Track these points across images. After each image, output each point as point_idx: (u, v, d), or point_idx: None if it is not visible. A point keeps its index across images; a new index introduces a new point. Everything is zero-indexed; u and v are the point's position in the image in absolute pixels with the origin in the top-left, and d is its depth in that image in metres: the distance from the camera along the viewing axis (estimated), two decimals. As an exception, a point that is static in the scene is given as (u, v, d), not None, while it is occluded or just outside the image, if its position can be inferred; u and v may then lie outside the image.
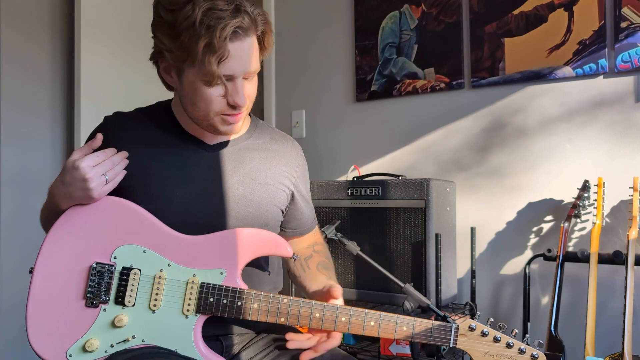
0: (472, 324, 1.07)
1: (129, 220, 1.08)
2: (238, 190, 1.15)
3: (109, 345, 1.02)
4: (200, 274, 1.05)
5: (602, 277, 1.84)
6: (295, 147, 1.29)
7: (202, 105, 1.06)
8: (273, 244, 1.10)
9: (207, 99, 1.05)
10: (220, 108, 1.06)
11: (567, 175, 1.99)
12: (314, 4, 2.67)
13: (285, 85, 2.75)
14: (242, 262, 1.07)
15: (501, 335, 1.06)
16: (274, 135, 1.27)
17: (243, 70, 1.03)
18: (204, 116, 1.08)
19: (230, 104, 1.05)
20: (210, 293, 1.04)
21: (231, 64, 1.01)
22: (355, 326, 1.05)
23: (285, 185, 1.22)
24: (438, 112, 2.28)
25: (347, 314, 1.05)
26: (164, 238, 1.07)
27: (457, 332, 1.06)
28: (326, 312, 1.05)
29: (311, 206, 1.34)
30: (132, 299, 1.04)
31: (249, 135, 1.22)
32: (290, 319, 1.04)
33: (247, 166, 1.17)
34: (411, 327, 1.06)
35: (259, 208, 1.16)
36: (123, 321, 1.02)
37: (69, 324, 1.03)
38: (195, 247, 1.07)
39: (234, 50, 1.00)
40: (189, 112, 1.11)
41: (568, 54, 1.98)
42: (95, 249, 1.06)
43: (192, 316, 1.04)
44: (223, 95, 1.05)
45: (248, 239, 1.08)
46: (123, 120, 1.18)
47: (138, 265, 1.06)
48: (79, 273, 1.05)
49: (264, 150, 1.22)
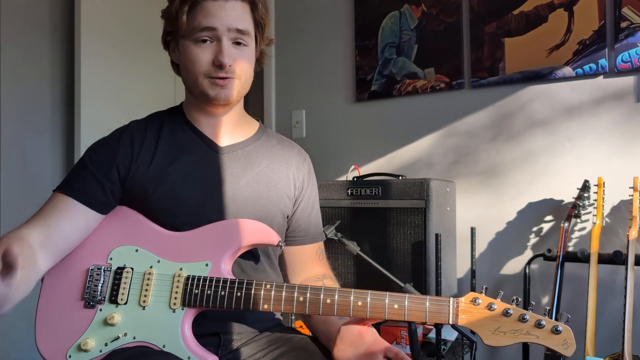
0: (477, 297, 0.93)
1: (124, 223, 1.12)
2: (246, 192, 1.16)
3: (103, 344, 1.03)
4: (186, 267, 1.06)
5: (602, 277, 1.84)
6: (300, 154, 1.30)
7: (191, 68, 1.10)
8: (258, 231, 1.08)
9: (194, 60, 1.09)
10: (207, 69, 1.09)
11: (567, 175, 1.99)
12: (314, 4, 2.67)
13: (285, 85, 2.75)
14: (228, 253, 1.06)
15: (513, 308, 0.91)
16: (280, 140, 1.29)
17: (223, 24, 1.08)
18: (194, 80, 1.11)
19: (215, 63, 1.09)
20: (195, 285, 1.04)
21: (210, 19, 1.07)
22: (342, 308, 0.98)
23: (290, 191, 1.23)
24: (438, 112, 2.28)
25: (333, 295, 0.99)
26: (155, 236, 1.09)
27: (457, 306, 0.94)
28: (310, 294, 1.00)
29: (317, 217, 1.32)
30: (125, 296, 1.05)
31: (257, 137, 1.24)
32: (274, 305, 1.01)
33: (255, 169, 1.19)
34: (403, 304, 0.97)
35: (265, 210, 1.17)
36: (115, 319, 1.03)
37: (69, 325, 1.05)
38: (184, 242, 1.08)
39: (214, 8, 1.07)
40: (185, 80, 1.15)
41: (568, 54, 1.98)
42: (93, 252, 1.09)
43: (179, 310, 1.03)
44: (210, 56, 1.09)
45: (233, 229, 1.08)
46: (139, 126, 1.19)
47: (130, 264, 1.08)
48: (79, 276, 1.08)
49: (271, 154, 1.23)
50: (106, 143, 1.16)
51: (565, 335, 0.89)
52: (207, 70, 1.10)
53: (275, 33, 2.76)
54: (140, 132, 1.17)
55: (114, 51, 2.49)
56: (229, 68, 1.09)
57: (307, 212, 1.28)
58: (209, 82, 1.10)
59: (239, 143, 1.20)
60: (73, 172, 1.14)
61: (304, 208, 1.27)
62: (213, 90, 1.11)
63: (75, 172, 1.13)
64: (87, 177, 1.11)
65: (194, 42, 1.09)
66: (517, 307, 0.92)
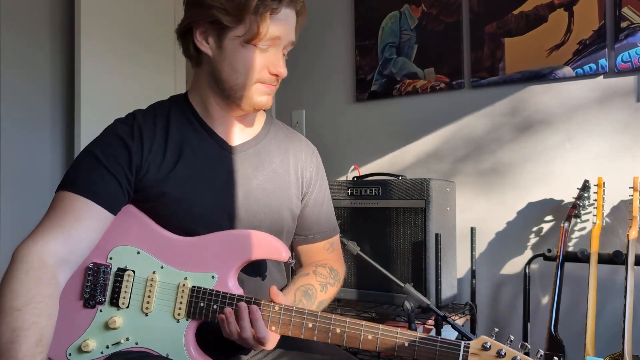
0: (487, 342, 0.92)
1: (125, 221, 1.07)
2: (258, 194, 1.12)
3: (104, 347, 1.02)
4: (191, 277, 1.03)
5: (602, 277, 1.84)
6: (309, 147, 1.27)
7: (243, 69, 1.04)
8: (268, 246, 1.04)
9: (250, 64, 1.04)
10: (262, 76, 1.06)
11: (567, 175, 1.99)
12: (314, 4, 2.67)
13: (285, 85, 2.73)
14: (235, 266, 1.03)
15: (521, 355, 0.91)
16: (288, 133, 1.25)
17: (288, 37, 1.06)
18: (242, 83, 1.05)
19: (272, 72, 1.06)
20: (200, 298, 1.01)
21: (280, 26, 1.03)
22: (351, 339, 0.97)
23: (298, 189, 1.19)
24: (438, 112, 2.28)
25: (343, 325, 0.97)
26: (158, 239, 1.06)
27: (468, 351, 0.92)
28: (320, 322, 0.98)
29: (328, 211, 1.27)
30: (126, 300, 1.03)
31: (265, 131, 1.19)
32: (281, 328, 0.99)
33: (267, 168, 1.15)
34: (414, 344, 0.94)
35: (277, 214, 1.14)
36: (116, 323, 1.02)
37: (69, 324, 1.04)
38: (189, 249, 1.04)
39: (285, 15, 1.04)
40: (226, 80, 1.06)
41: (568, 54, 1.98)
42: (93, 249, 1.05)
43: (184, 321, 1.02)
44: (265, 63, 1.05)
45: (242, 241, 1.04)
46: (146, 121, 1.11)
47: (132, 266, 1.05)
48: (78, 274, 1.05)
49: (280, 150, 1.19)
50: (119, 137, 1.06)
51: None
52: (262, 77, 1.06)
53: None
54: (149, 128, 1.09)
55: (114, 51, 2.49)
56: (282, 78, 1.09)
57: (317, 209, 1.24)
58: (258, 88, 1.07)
59: (250, 141, 1.16)
60: (83, 169, 1.05)
61: (313, 205, 1.23)
62: (260, 97, 1.08)
63: (88, 169, 1.04)
64: (104, 175, 1.02)
65: (255, 45, 1.03)
66: (526, 356, 0.91)
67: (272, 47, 1.05)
